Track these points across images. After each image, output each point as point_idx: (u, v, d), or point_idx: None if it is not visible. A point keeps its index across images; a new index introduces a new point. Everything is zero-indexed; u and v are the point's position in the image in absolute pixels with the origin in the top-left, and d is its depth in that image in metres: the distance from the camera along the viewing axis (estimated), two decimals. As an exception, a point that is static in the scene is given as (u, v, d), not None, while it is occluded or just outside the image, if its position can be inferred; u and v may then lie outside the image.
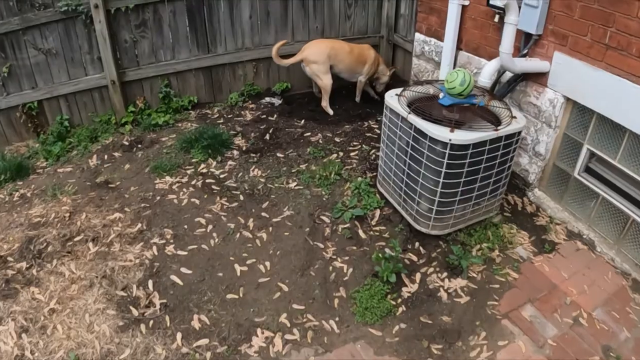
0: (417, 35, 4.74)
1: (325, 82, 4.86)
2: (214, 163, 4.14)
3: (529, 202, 3.76)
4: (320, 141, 4.34)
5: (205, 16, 4.82)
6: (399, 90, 3.35)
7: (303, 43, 5.12)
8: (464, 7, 4.04)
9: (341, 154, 4.14)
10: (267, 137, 4.48)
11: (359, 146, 4.26)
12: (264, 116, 4.90)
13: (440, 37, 4.44)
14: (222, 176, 3.97)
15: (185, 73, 5.03)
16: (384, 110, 3.36)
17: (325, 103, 4.96)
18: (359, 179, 3.80)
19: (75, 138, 4.72)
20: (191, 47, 4.92)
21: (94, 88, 4.74)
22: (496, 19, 3.68)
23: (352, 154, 4.15)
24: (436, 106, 3.12)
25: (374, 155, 4.12)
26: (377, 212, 3.54)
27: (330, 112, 4.97)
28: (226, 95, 5.30)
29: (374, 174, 3.88)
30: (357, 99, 5.30)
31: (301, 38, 5.29)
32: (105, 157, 4.35)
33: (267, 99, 5.27)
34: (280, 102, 5.23)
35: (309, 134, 4.48)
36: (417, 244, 3.32)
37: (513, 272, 3.12)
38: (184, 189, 3.83)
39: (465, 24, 4.09)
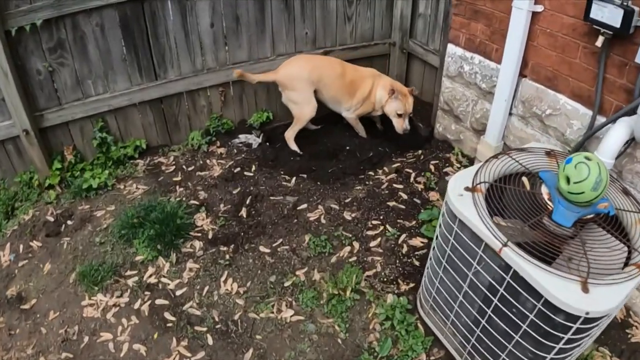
0: (452, 48, 3.34)
1: (303, 111, 3.61)
2: (167, 265, 2.78)
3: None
4: (323, 220, 2.98)
5: (147, 28, 3.36)
6: (468, 176, 2.00)
7: (287, 58, 3.73)
8: (534, 14, 2.65)
9: (356, 245, 2.80)
10: (243, 212, 3.10)
11: (381, 227, 2.92)
12: (238, 169, 3.51)
13: (489, 55, 3.07)
14: (178, 293, 2.63)
15: (127, 109, 3.59)
16: (443, 211, 2.03)
17: (291, 134, 3.71)
18: (390, 297, 2.49)
19: (-12, 212, 3.34)
20: (131, 74, 3.47)
21: (6, 139, 3.31)
22: (599, 42, 2.31)
23: (372, 243, 2.82)
24: (546, 223, 1.80)
25: (405, 246, 2.79)
26: (423, 358, 2.26)
27: (295, 148, 3.72)
28: (185, 134, 3.88)
29: (410, 284, 2.57)
30: (362, 133, 3.93)
31: (285, 50, 3.85)
32: (21, 247, 3.02)
33: (242, 138, 3.86)
34: (259, 140, 3.83)
35: (304, 205, 3.10)
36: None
37: None
38: (124, 320, 2.51)
39: (534, 39, 2.73)
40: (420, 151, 3.68)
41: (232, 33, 3.63)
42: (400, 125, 3.63)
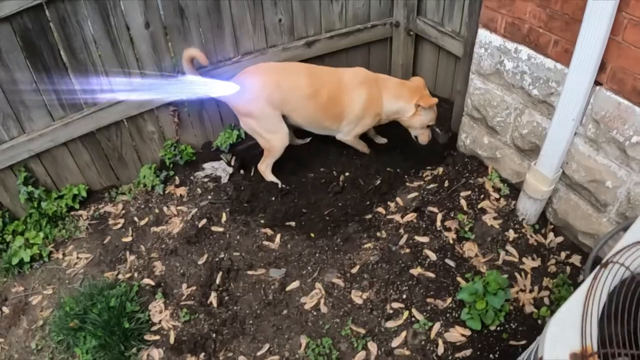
0: (485, 35, 2.38)
1: (271, 143, 2.73)
2: (118, 392, 2.04)
3: None
4: (324, 307, 2.17)
5: (57, 43, 2.43)
6: (570, 322, 1.25)
7: (257, 56, 2.81)
8: (621, -2, 1.71)
9: (373, 347, 2.00)
10: (213, 298, 2.29)
11: (405, 312, 2.10)
12: (204, 220, 2.67)
13: (543, 49, 2.12)
14: None
15: (54, 151, 2.73)
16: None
17: (264, 167, 2.84)
18: None
19: None
20: (50, 106, 2.62)
21: None
22: None
23: (395, 342, 2.01)
24: None
25: (440, 343, 1.99)
26: None
27: (274, 179, 2.86)
28: (136, 169, 3.00)
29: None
30: (365, 149, 3.04)
31: (252, 47, 2.89)
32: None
33: (208, 169, 2.99)
34: (230, 170, 2.96)
35: (295, 283, 2.27)
36: None
37: None
38: None
39: (618, 32, 1.79)
40: (440, 169, 2.80)
41: (177, 32, 2.67)
42: (427, 136, 2.91)
